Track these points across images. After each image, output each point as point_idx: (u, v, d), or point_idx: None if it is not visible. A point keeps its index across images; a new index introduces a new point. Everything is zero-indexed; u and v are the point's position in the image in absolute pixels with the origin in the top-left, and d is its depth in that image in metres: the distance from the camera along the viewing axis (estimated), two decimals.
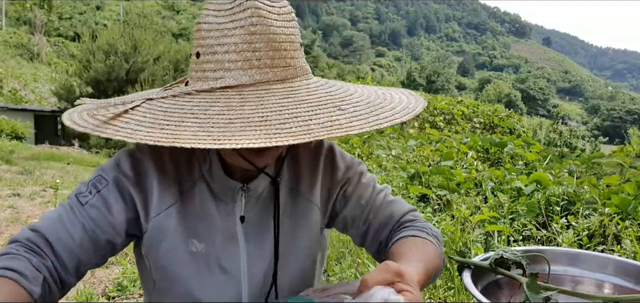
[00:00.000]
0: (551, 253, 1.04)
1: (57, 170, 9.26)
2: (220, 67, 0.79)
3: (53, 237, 0.81)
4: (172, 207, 0.89)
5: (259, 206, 0.94)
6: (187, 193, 0.90)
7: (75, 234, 0.83)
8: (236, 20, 0.79)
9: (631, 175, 4.91)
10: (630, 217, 3.38)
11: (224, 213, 0.92)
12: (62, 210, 0.85)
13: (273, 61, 0.79)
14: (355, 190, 1.02)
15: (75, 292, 2.98)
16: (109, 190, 0.87)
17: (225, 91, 0.78)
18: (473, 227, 3.54)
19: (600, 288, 1.01)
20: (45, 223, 0.83)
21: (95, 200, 0.85)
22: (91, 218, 0.84)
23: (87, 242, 0.84)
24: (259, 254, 0.93)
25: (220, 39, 0.79)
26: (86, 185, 0.87)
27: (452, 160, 6.70)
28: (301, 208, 0.98)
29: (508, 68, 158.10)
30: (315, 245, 1.01)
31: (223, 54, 0.79)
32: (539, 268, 0.99)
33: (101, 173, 0.89)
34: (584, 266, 1.03)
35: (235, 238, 0.92)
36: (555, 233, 3.27)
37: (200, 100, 0.77)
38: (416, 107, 0.85)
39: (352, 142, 9.75)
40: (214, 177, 0.91)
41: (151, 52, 18.38)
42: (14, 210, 5.13)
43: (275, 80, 0.80)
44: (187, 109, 0.77)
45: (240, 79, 0.78)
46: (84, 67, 17.82)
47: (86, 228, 0.84)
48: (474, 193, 4.90)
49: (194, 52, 0.83)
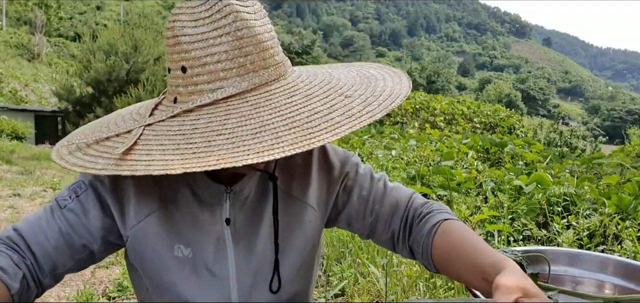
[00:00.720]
0: (551, 254, 1.04)
1: (57, 171, 9.26)
2: (215, 78, 0.77)
3: (31, 239, 0.83)
4: (152, 215, 0.88)
5: (247, 208, 0.93)
6: (169, 200, 0.89)
7: (51, 236, 0.83)
8: (219, 27, 0.77)
9: (631, 175, 4.91)
10: (631, 217, 3.38)
11: (209, 217, 0.90)
12: (42, 213, 0.86)
13: (265, 62, 0.80)
14: (355, 183, 1.01)
15: (76, 292, 2.98)
16: (87, 195, 0.87)
17: (229, 101, 0.77)
18: (473, 227, 3.54)
19: (601, 289, 1.01)
20: (25, 224, 0.85)
21: (74, 205, 0.86)
22: (68, 222, 0.85)
23: (63, 245, 0.84)
24: (248, 257, 0.92)
25: (208, 49, 0.77)
26: (68, 189, 0.88)
27: (452, 160, 6.70)
28: (294, 210, 0.97)
29: (508, 68, 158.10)
30: (310, 244, 1.00)
31: (215, 64, 0.77)
32: (539, 269, 0.99)
33: (82, 178, 0.89)
34: (585, 266, 1.03)
35: (222, 242, 0.91)
36: (555, 234, 3.27)
37: (210, 116, 0.76)
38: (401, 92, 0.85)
39: (353, 142, 9.76)
40: (197, 181, 0.90)
41: (152, 52, 18.36)
42: (14, 210, 5.14)
43: (272, 80, 0.80)
44: (200, 125, 0.76)
45: (241, 86, 0.77)
46: (85, 67, 17.79)
47: (62, 231, 0.84)
48: (474, 193, 4.90)
49: (177, 66, 0.80)
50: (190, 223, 0.90)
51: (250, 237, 0.93)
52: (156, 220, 0.88)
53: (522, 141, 10.09)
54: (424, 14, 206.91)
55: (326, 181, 1.00)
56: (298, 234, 0.97)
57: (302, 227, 0.97)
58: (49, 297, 2.95)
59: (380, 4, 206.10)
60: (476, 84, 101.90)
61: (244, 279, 0.92)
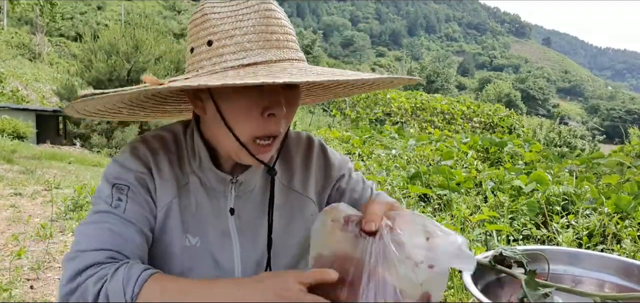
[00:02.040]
0: (551, 253, 1.05)
1: (59, 170, 9.27)
2: (240, 48, 0.81)
3: (121, 246, 0.82)
4: (171, 203, 0.90)
5: (252, 200, 0.96)
6: (183, 189, 0.92)
7: (133, 237, 0.84)
8: (248, 7, 0.82)
9: (631, 175, 4.91)
10: (630, 216, 3.38)
11: (216, 207, 0.93)
12: (105, 224, 0.83)
13: (288, 44, 0.84)
14: (348, 185, 1.06)
15: None
16: (132, 192, 0.87)
17: (253, 66, 0.80)
18: (473, 227, 3.55)
19: (600, 288, 1.02)
20: (102, 240, 0.81)
21: (129, 205, 0.86)
22: (136, 219, 0.86)
23: (142, 240, 0.86)
24: (252, 248, 0.95)
25: (236, 23, 0.81)
26: (110, 197, 0.86)
27: (452, 160, 6.70)
28: (295, 203, 1.01)
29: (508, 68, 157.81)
30: (306, 238, 1.02)
31: (242, 36, 0.81)
32: (539, 268, 1.00)
33: (117, 182, 0.87)
34: (584, 265, 1.04)
35: (227, 232, 0.93)
36: (555, 233, 3.28)
37: (231, 73, 0.79)
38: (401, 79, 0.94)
39: (353, 141, 9.75)
40: (204, 170, 0.93)
41: (153, 52, 18.36)
42: (16, 209, 5.14)
43: (295, 58, 0.84)
44: (232, 73, 0.79)
45: (266, 56, 0.81)
46: (86, 67, 17.79)
47: (138, 228, 0.85)
48: (474, 192, 4.91)
49: (204, 41, 0.83)
50: (198, 212, 0.92)
51: (254, 228, 0.95)
52: (174, 207, 0.90)
53: (522, 141, 10.08)
54: (423, 14, 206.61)
55: (322, 178, 1.05)
56: (300, 225, 1.00)
57: (304, 218, 1.01)
58: (50, 297, 2.96)
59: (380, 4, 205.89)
60: (476, 84, 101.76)
61: (248, 270, 0.94)
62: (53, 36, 44.92)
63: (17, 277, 3.10)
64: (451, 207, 4.29)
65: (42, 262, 3.42)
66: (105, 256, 0.79)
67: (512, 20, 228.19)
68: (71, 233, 4.22)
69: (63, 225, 4.47)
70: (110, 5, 72.25)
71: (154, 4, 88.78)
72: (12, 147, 12.11)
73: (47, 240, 3.93)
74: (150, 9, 75.20)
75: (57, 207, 4.87)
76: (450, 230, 0.71)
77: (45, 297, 2.95)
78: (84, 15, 59.83)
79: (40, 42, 37.75)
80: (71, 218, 4.67)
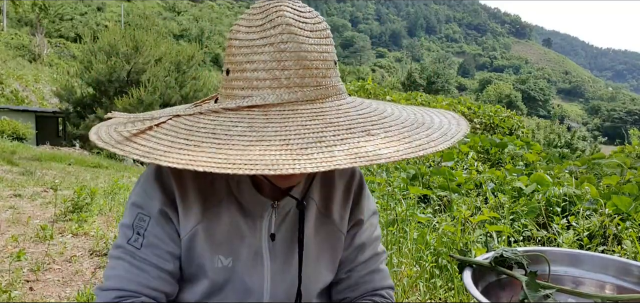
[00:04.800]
0: (552, 254, 1.04)
1: (59, 171, 9.27)
2: (249, 85, 0.77)
3: (132, 284, 0.86)
4: (196, 227, 0.88)
5: (286, 225, 0.93)
6: (212, 211, 0.89)
7: (146, 277, 0.86)
8: (266, 37, 0.76)
9: (631, 176, 4.90)
10: (631, 217, 3.38)
11: (252, 229, 0.91)
12: (126, 265, 0.87)
13: (303, 80, 0.76)
14: (361, 240, 1.02)
15: (77, 292, 2.98)
16: (153, 224, 0.88)
17: (251, 110, 0.75)
18: (473, 228, 3.54)
19: (601, 289, 1.01)
20: (127, 282, 0.86)
21: (149, 240, 0.87)
22: (153, 253, 0.87)
23: (166, 275, 0.88)
24: (283, 273, 0.93)
25: (250, 56, 0.77)
26: (131, 230, 0.88)
27: (452, 161, 6.69)
28: (329, 235, 0.97)
29: (508, 69, 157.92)
30: (334, 271, 1.01)
31: (252, 72, 0.76)
32: (539, 269, 0.99)
33: (139, 211, 0.88)
34: (585, 267, 1.04)
35: (260, 255, 0.91)
36: (555, 234, 3.27)
37: (225, 120, 0.75)
38: (457, 133, 0.78)
39: None
40: (243, 193, 0.90)
41: (152, 53, 18.37)
42: (15, 210, 5.14)
43: (304, 100, 0.76)
44: (209, 129, 0.74)
45: (267, 98, 0.75)
46: (85, 68, 17.80)
47: (155, 265, 0.87)
48: (475, 193, 4.90)
49: (224, 68, 0.82)
50: (232, 233, 0.90)
51: (287, 252, 0.93)
52: (200, 231, 0.89)
53: (522, 142, 10.08)
54: (424, 15, 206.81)
55: (350, 213, 1.01)
56: (330, 257, 0.99)
57: (334, 252, 0.99)
58: (50, 297, 2.96)
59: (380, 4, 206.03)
60: (476, 85, 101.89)
61: (278, 294, 0.93)
62: (53, 37, 44.98)
63: (17, 279, 3.09)
64: (451, 208, 4.28)
65: (42, 263, 3.41)
66: (114, 296, 0.85)
67: (512, 21, 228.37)
68: (71, 235, 4.22)
69: (63, 226, 4.47)
70: (110, 6, 72.36)
71: (153, 4, 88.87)
72: (11, 148, 12.12)
73: (46, 242, 3.93)
74: (150, 10, 75.28)
75: (57, 209, 4.86)
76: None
77: (44, 298, 2.94)
78: (84, 16, 59.91)
79: (40, 43, 37.79)
80: (71, 219, 4.66)
